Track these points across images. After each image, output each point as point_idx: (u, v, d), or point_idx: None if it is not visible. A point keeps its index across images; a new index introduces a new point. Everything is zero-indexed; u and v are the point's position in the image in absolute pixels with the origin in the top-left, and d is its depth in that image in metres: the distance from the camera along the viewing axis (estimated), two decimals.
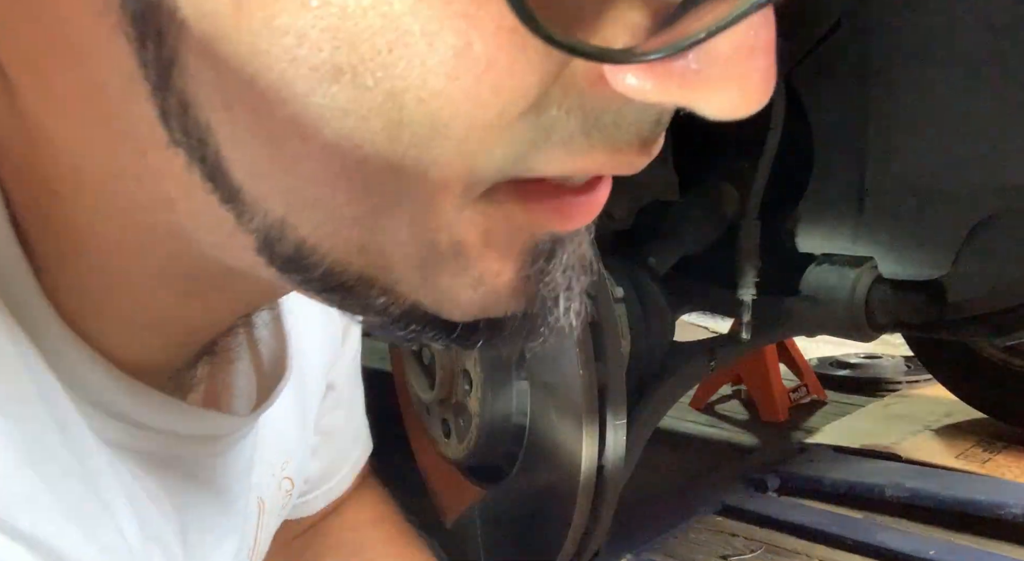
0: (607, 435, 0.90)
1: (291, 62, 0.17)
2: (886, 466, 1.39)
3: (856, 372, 2.07)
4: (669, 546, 1.17)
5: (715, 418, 1.85)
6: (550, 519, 0.96)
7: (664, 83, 0.18)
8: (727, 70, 0.18)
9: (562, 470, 0.92)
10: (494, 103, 0.18)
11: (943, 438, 1.54)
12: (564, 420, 0.92)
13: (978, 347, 1.49)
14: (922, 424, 1.63)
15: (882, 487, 1.25)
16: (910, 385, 1.97)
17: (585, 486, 0.90)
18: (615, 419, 0.91)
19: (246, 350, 0.38)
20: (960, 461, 1.40)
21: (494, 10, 0.17)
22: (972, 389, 1.58)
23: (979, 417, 1.60)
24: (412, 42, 0.17)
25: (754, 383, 1.82)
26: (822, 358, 2.20)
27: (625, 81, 0.18)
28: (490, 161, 0.20)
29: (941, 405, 1.73)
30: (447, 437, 1.10)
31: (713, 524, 1.24)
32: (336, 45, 0.17)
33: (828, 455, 1.46)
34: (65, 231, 0.25)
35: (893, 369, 2.07)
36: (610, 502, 0.94)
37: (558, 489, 0.93)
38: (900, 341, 1.77)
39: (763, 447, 1.61)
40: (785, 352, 1.89)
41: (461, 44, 0.17)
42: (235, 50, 0.18)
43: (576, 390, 0.88)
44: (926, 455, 1.43)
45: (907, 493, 1.23)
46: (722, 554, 1.14)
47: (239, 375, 0.38)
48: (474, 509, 1.07)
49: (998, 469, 1.36)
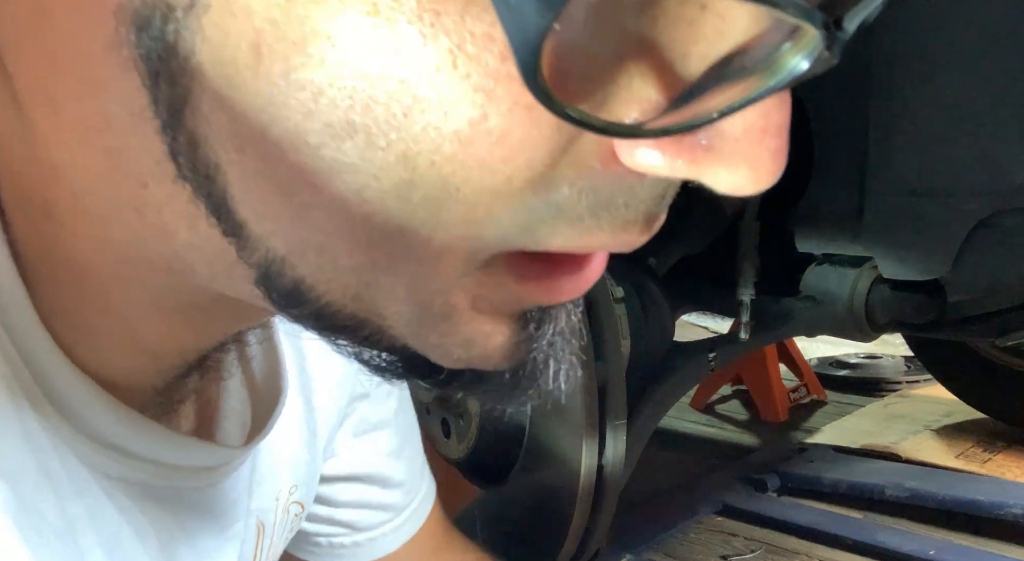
0: (607, 435, 0.90)
1: (306, 115, 0.18)
2: (886, 466, 1.39)
3: (856, 372, 2.07)
4: (669, 546, 1.17)
5: (715, 418, 1.85)
6: (550, 519, 0.96)
7: (674, 158, 0.18)
8: (737, 149, 0.18)
9: (562, 470, 0.92)
10: (503, 170, 0.18)
11: (943, 438, 1.54)
12: (564, 420, 0.92)
13: (978, 347, 1.49)
14: (922, 424, 1.63)
15: (882, 487, 1.25)
16: (910, 385, 1.97)
17: (585, 486, 0.90)
18: (615, 419, 0.91)
19: (237, 367, 0.38)
20: (960, 461, 1.40)
21: (512, 87, 0.17)
22: (972, 389, 1.58)
23: (979, 417, 1.60)
24: (428, 109, 0.17)
25: (754, 383, 1.82)
26: (822, 358, 2.20)
27: (635, 156, 0.19)
28: (496, 229, 0.20)
29: (941, 405, 1.73)
30: (447, 437, 1.10)
31: (713, 524, 1.24)
32: (351, 104, 0.17)
33: (828, 455, 1.46)
34: (63, 258, 0.25)
35: (893, 369, 2.07)
36: (610, 502, 0.94)
37: (558, 489, 0.93)
38: (900, 341, 1.78)
39: (763, 447, 1.60)
40: (785, 352, 1.89)
41: (477, 116, 0.17)
42: (251, 99, 0.18)
43: (576, 390, 0.88)
44: (926, 455, 1.43)
45: (907, 493, 1.23)
46: (722, 554, 1.14)
47: (231, 394, 0.37)
48: (474, 509, 1.07)
49: (998, 469, 1.36)
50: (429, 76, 0.17)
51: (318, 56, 0.17)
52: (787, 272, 1.10)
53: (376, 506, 0.53)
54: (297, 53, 0.17)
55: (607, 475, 0.91)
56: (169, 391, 0.32)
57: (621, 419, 0.91)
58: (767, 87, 0.17)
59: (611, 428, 0.90)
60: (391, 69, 0.17)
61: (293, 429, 0.42)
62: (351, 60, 0.17)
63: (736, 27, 0.18)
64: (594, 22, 0.17)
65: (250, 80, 0.18)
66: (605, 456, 0.91)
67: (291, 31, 0.17)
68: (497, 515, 1.06)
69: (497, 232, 0.20)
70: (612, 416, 0.90)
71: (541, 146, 0.18)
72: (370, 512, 0.53)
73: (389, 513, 0.54)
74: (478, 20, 0.16)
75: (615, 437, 0.91)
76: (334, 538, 0.53)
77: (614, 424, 0.91)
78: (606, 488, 0.92)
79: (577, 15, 0.17)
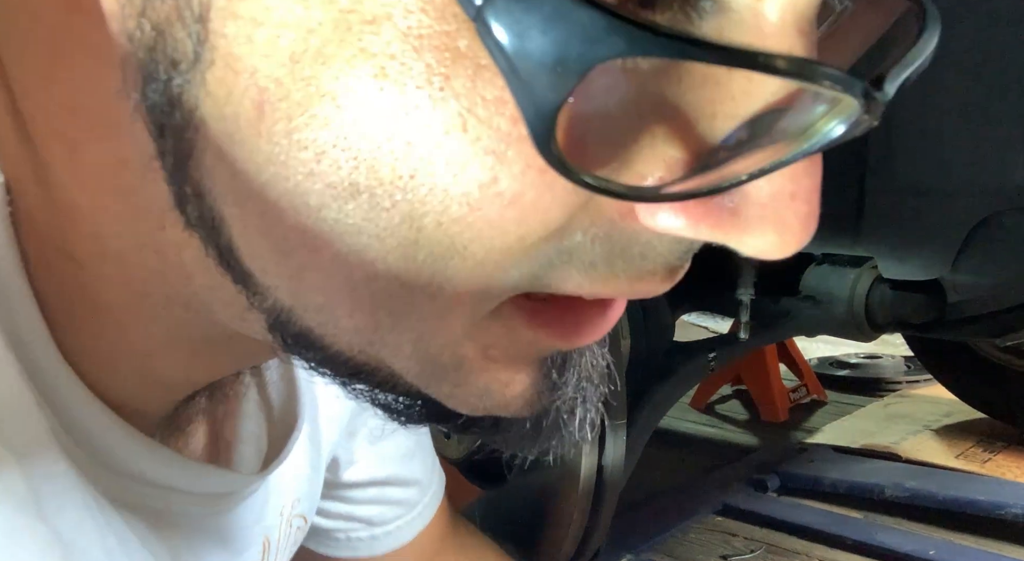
0: (607, 435, 0.90)
1: (307, 175, 0.17)
2: (886, 466, 1.38)
3: (856, 372, 2.07)
4: (669, 546, 1.17)
5: (715, 418, 1.84)
6: (550, 519, 0.96)
7: (697, 222, 0.18)
8: (764, 215, 0.17)
9: (562, 470, 0.92)
10: (515, 231, 0.17)
11: (943, 438, 1.54)
12: None
13: (978, 347, 1.49)
14: (922, 424, 1.63)
15: (882, 487, 1.25)
16: (910, 385, 1.97)
17: (585, 486, 0.90)
18: (615, 419, 0.91)
19: (254, 391, 0.38)
20: (960, 461, 1.40)
21: (524, 149, 0.16)
22: (972, 389, 1.57)
23: (979, 417, 1.60)
24: (435, 172, 0.17)
25: (754, 383, 1.82)
26: (822, 358, 2.19)
27: (656, 218, 0.18)
28: (506, 281, 0.19)
29: (941, 405, 1.73)
30: (447, 437, 1.10)
31: (713, 524, 1.24)
32: (355, 166, 0.17)
33: (828, 455, 1.46)
34: (80, 295, 0.25)
35: (893, 369, 2.06)
36: (610, 502, 0.94)
37: (558, 489, 0.93)
38: (900, 341, 1.77)
39: (763, 447, 1.60)
40: (785, 352, 1.89)
41: (487, 179, 0.17)
42: (252, 156, 0.18)
43: None
44: (926, 455, 1.43)
45: (907, 493, 1.23)
46: (722, 554, 1.14)
47: (247, 419, 0.37)
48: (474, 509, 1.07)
49: (998, 469, 1.36)
50: (437, 139, 0.16)
51: (322, 116, 0.16)
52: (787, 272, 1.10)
53: (393, 503, 0.54)
54: (300, 113, 0.17)
55: (607, 475, 0.91)
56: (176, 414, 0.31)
57: (621, 419, 0.91)
58: (800, 151, 0.16)
59: (611, 428, 0.90)
60: (398, 131, 0.16)
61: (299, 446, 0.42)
62: (357, 122, 0.16)
63: (766, 88, 0.17)
64: (613, 88, 0.17)
65: (252, 137, 0.17)
66: (605, 456, 0.91)
67: (295, 91, 0.16)
68: (497, 515, 1.06)
69: (506, 283, 0.19)
70: (612, 416, 0.90)
71: (556, 207, 0.17)
72: (388, 508, 0.54)
73: (405, 508, 0.55)
74: (490, 85, 0.16)
75: (615, 437, 0.91)
76: (352, 533, 0.54)
77: (614, 424, 0.91)
78: (606, 488, 0.92)
79: (596, 84, 0.16)
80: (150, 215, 0.22)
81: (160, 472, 0.29)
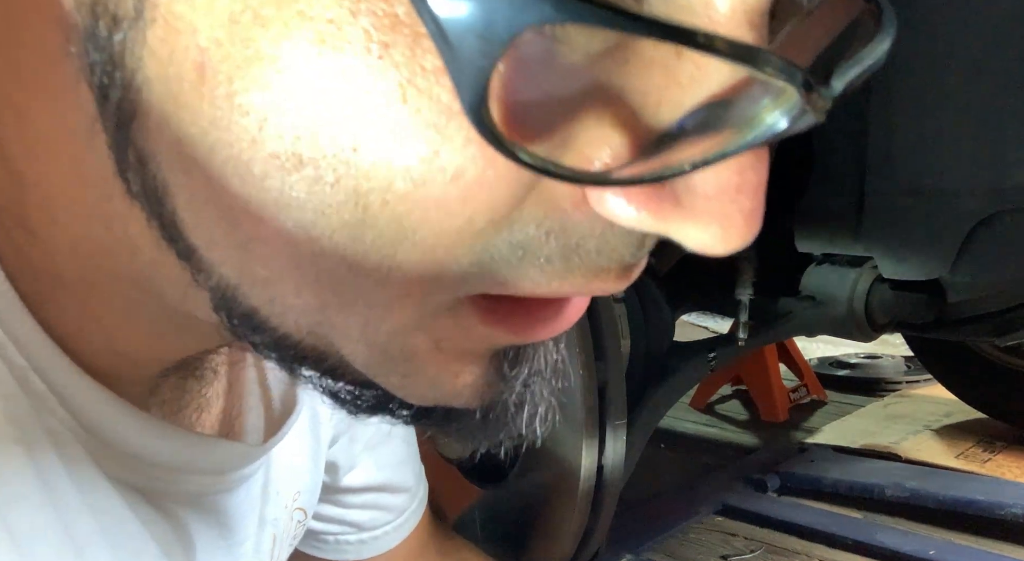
0: (607, 435, 0.90)
1: (250, 143, 0.17)
2: (886, 466, 1.38)
3: (856, 372, 2.07)
4: (669, 546, 1.17)
5: (715, 418, 1.84)
6: (550, 519, 0.96)
7: (642, 210, 0.17)
8: (708, 207, 0.17)
9: (562, 470, 0.92)
10: (462, 211, 0.17)
11: (943, 438, 1.54)
12: (564, 420, 0.92)
13: (978, 347, 1.49)
14: (922, 424, 1.63)
15: (882, 487, 1.25)
16: (910, 385, 1.97)
17: (585, 486, 0.90)
18: (615, 419, 0.91)
19: (256, 385, 0.38)
20: (960, 461, 1.40)
21: (464, 123, 0.16)
22: (972, 389, 1.58)
23: (979, 417, 1.60)
24: (377, 145, 0.16)
25: (754, 383, 1.82)
26: (822, 358, 2.20)
27: (605, 203, 0.18)
28: (456, 270, 0.19)
29: (941, 405, 1.73)
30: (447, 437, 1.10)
31: (713, 524, 1.24)
32: (297, 135, 0.16)
33: (828, 455, 1.46)
34: (42, 269, 0.24)
35: (893, 369, 2.07)
36: (610, 502, 0.94)
37: (558, 489, 0.93)
38: (900, 341, 1.77)
39: (763, 447, 1.60)
40: (785, 352, 1.89)
41: (428, 153, 0.16)
42: (195, 119, 0.17)
43: (576, 390, 0.88)
44: (926, 455, 1.43)
45: (907, 493, 1.23)
46: (722, 554, 1.14)
47: (251, 411, 0.37)
48: (474, 509, 1.07)
49: (998, 469, 1.36)
50: (378, 110, 0.16)
51: (262, 81, 0.16)
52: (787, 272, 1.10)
53: (384, 508, 0.55)
54: (241, 76, 0.16)
55: (607, 475, 0.91)
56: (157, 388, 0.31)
57: (621, 419, 0.91)
58: (743, 142, 0.16)
59: (611, 428, 0.90)
60: (338, 101, 0.16)
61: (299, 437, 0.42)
62: (297, 89, 0.16)
63: (713, 76, 0.16)
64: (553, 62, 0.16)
65: (195, 101, 0.17)
66: (605, 456, 0.91)
67: (235, 52, 0.16)
68: (497, 515, 1.06)
69: (457, 272, 0.19)
70: (612, 416, 0.90)
71: (501, 185, 0.17)
72: (379, 513, 0.55)
73: (395, 513, 0.55)
74: (430, 54, 0.16)
75: (615, 437, 0.91)
76: (341, 536, 0.54)
77: (614, 424, 0.90)
78: (606, 488, 0.92)
79: (531, 54, 0.16)
80: (97, 185, 0.21)
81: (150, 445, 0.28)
